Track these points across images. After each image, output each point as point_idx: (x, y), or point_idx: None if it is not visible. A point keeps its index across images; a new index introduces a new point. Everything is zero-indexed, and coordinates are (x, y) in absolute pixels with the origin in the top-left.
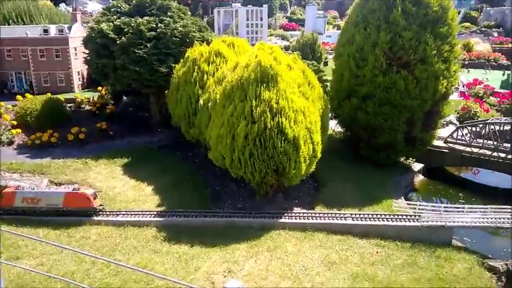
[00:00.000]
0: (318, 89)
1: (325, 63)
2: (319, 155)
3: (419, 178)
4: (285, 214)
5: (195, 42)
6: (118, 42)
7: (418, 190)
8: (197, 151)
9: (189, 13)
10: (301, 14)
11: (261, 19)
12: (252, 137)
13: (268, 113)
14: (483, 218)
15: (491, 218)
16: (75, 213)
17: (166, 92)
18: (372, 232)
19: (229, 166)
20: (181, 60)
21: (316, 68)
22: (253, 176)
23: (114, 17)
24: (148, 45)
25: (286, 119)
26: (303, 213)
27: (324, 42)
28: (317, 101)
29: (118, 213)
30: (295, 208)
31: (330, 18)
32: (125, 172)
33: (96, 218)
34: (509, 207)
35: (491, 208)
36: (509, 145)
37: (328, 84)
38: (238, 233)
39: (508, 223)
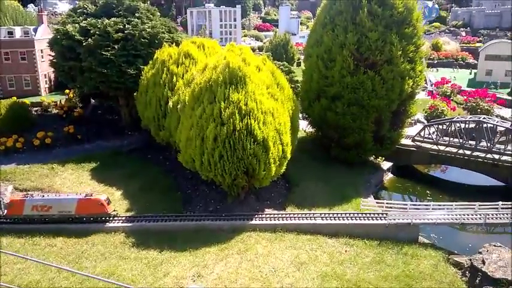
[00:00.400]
0: (288, 90)
1: (298, 64)
2: (289, 155)
3: (388, 176)
4: (256, 216)
5: (164, 43)
6: (84, 44)
7: (387, 188)
8: (168, 154)
9: (158, 14)
10: (275, 15)
11: (235, 20)
12: (221, 139)
13: (237, 114)
14: (448, 215)
15: (456, 215)
16: (87, 219)
17: (135, 94)
18: (341, 231)
19: (199, 169)
20: (150, 62)
21: (287, 69)
22: (223, 178)
23: (80, 18)
24: (116, 47)
25: (255, 121)
26: (274, 214)
27: (298, 42)
28: (286, 102)
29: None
30: (266, 209)
31: (304, 18)
32: (93, 177)
33: (62, 225)
34: (474, 203)
35: (456, 205)
36: (474, 142)
37: (300, 85)
38: (209, 236)
39: (473, 219)
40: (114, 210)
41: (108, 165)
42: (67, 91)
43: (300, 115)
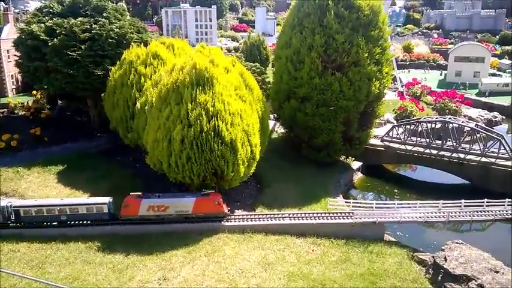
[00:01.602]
0: (257, 91)
1: (273, 65)
2: (258, 156)
3: (358, 176)
4: (225, 217)
5: (133, 44)
6: (50, 44)
7: (356, 187)
8: (139, 155)
9: (128, 14)
10: (252, 16)
11: (210, 20)
12: (188, 140)
13: (204, 116)
14: (412, 213)
15: (420, 213)
16: (203, 218)
17: (102, 95)
18: (309, 231)
19: (167, 171)
20: (118, 63)
21: (259, 70)
22: (192, 180)
23: (46, 18)
24: (83, 47)
25: (222, 122)
26: (243, 215)
27: (274, 43)
28: (256, 104)
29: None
30: (236, 210)
31: (281, 19)
32: (60, 180)
33: (27, 230)
34: (437, 202)
35: (420, 203)
36: (440, 142)
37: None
38: (177, 238)
39: (436, 217)
40: (229, 209)
41: (76, 168)
42: (34, 92)
43: (272, 116)
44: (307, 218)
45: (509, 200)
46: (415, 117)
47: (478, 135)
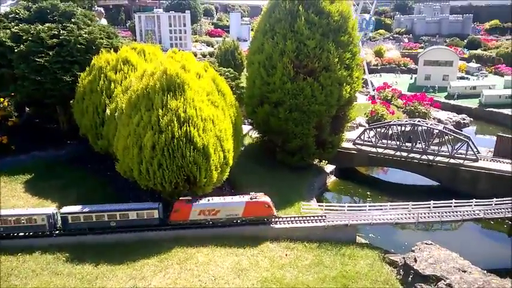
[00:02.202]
0: (230, 96)
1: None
2: (231, 162)
3: (331, 179)
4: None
5: (102, 49)
6: (16, 50)
7: (330, 190)
8: (110, 163)
9: (97, 19)
10: (227, 21)
11: (184, 25)
12: (159, 147)
13: (175, 122)
14: (383, 215)
15: (391, 215)
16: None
17: (71, 101)
18: (282, 235)
19: (138, 178)
20: (87, 69)
21: (232, 75)
22: (163, 187)
23: (12, 24)
24: (50, 53)
25: (194, 128)
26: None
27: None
28: (228, 109)
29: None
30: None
31: (255, 25)
32: (28, 189)
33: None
34: (407, 203)
35: (391, 205)
36: (410, 144)
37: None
38: (149, 247)
39: (406, 218)
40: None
41: (45, 177)
42: (1, 99)
43: (246, 121)
44: (281, 222)
45: (477, 200)
46: (385, 121)
47: (446, 137)
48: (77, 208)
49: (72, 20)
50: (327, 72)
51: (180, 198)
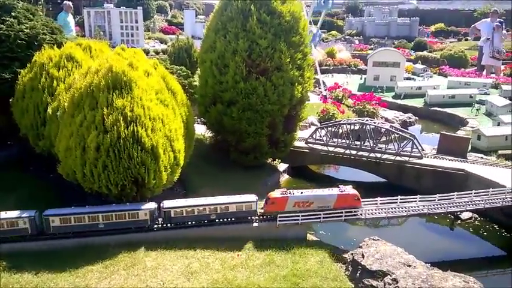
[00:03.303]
0: (181, 95)
1: None
2: (182, 162)
3: (284, 177)
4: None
5: (45, 45)
6: None
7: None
8: (53, 165)
9: (41, 14)
10: (181, 18)
11: (136, 21)
12: (104, 148)
13: (121, 121)
14: (333, 213)
15: (340, 212)
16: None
17: (11, 100)
18: (234, 235)
19: (82, 181)
20: (28, 65)
21: (185, 73)
22: (109, 190)
23: None
24: None
25: (142, 128)
26: (165, 224)
27: None
28: (179, 108)
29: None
30: (160, 219)
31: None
32: None
33: None
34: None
35: None
36: (359, 143)
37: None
38: (94, 252)
39: (354, 215)
40: None
41: None
42: None
43: (199, 120)
44: (233, 222)
45: (421, 196)
46: (336, 120)
47: (393, 135)
48: (179, 202)
49: (13, 14)
50: (279, 72)
51: (275, 190)
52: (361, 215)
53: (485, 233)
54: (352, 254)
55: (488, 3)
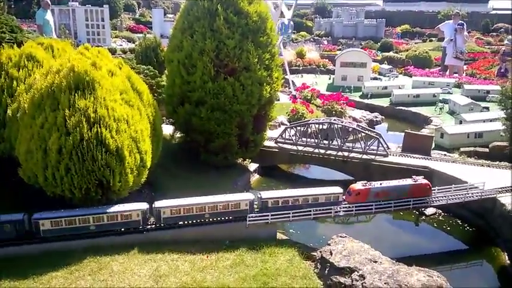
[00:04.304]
0: (147, 95)
1: None
2: (148, 164)
3: (255, 177)
4: (113, 230)
5: (4, 44)
6: None
7: (253, 189)
8: (14, 168)
9: (0, 11)
10: (150, 17)
11: (103, 20)
12: (67, 150)
13: (84, 123)
14: (302, 211)
15: (309, 210)
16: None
17: None
18: (204, 237)
19: (44, 184)
20: None
21: (152, 73)
22: (73, 194)
23: None
24: None
25: (106, 129)
26: (134, 227)
27: None
28: (146, 108)
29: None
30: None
31: None
32: None
33: None
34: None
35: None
36: (327, 142)
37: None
38: (58, 258)
39: (325, 213)
40: None
41: None
42: None
43: (168, 120)
44: (203, 224)
45: None
46: (305, 119)
47: (360, 134)
48: (275, 193)
49: None
50: (247, 72)
51: (357, 182)
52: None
53: (448, 228)
54: (320, 251)
55: (451, 5)
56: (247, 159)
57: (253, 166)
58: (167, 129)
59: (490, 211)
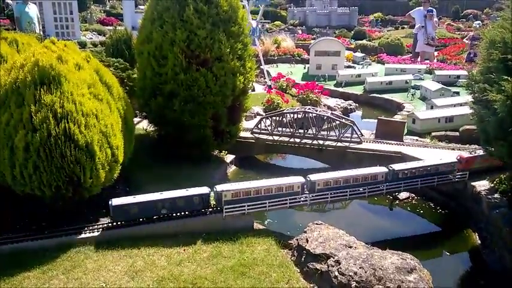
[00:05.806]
0: (117, 88)
1: None
2: (121, 159)
3: (232, 169)
4: (87, 228)
5: None
6: None
7: (230, 180)
8: None
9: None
10: (121, 9)
11: (71, 13)
12: (34, 147)
13: (51, 118)
14: (278, 201)
15: (284, 199)
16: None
17: None
18: (181, 230)
19: (12, 183)
20: None
21: (123, 65)
22: (42, 192)
23: None
24: None
25: (74, 124)
26: (108, 223)
27: None
28: (116, 102)
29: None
30: (102, 219)
31: None
32: None
33: None
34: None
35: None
36: (302, 131)
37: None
38: (29, 258)
39: (299, 202)
40: None
41: None
42: None
43: (140, 114)
44: (179, 217)
45: None
46: (280, 109)
47: (334, 123)
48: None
49: None
50: (219, 62)
51: (463, 151)
52: None
53: (421, 211)
54: (297, 239)
55: None
56: (224, 151)
57: (229, 157)
58: (141, 123)
59: (461, 193)
